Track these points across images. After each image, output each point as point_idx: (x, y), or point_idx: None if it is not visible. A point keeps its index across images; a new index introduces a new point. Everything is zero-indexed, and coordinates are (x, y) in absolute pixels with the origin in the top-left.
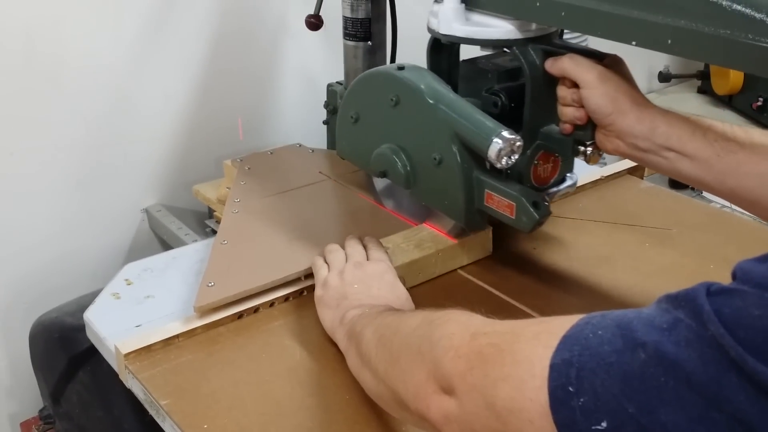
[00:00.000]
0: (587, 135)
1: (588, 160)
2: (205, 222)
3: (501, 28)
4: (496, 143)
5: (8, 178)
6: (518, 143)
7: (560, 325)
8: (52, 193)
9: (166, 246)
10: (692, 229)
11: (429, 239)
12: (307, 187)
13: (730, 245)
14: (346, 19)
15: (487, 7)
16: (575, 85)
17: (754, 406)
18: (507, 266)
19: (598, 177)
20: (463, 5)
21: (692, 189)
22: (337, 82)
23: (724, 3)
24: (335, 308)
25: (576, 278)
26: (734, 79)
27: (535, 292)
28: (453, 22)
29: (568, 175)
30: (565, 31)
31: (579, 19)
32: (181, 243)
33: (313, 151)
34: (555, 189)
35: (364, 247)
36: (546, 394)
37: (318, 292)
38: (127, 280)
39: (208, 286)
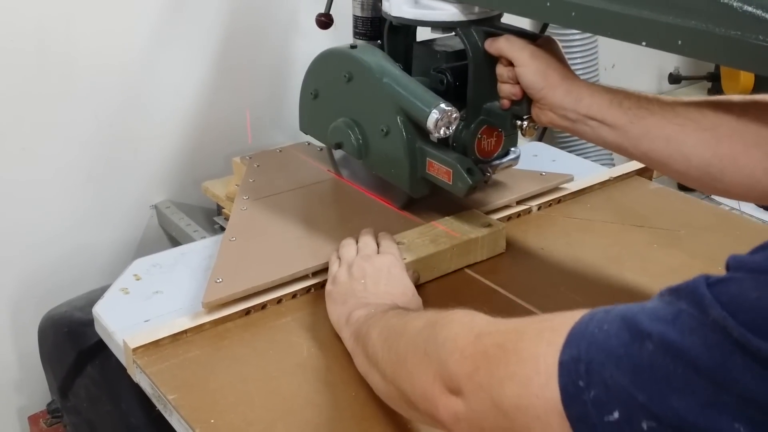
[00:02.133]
0: (523, 110)
1: (524, 133)
2: (213, 219)
3: (446, 11)
4: (434, 114)
5: (19, 175)
6: (454, 115)
7: (562, 321)
8: (62, 189)
9: (174, 242)
10: (701, 231)
11: (443, 235)
12: (315, 185)
13: (739, 247)
14: (356, 18)
15: None
16: (511, 63)
17: (761, 384)
18: (514, 266)
19: (607, 178)
20: None
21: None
22: None
23: (734, 4)
24: (342, 305)
25: (584, 279)
26: (745, 80)
27: (542, 292)
28: (403, 5)
29: (511, 149)
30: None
31: (589, 20)
32: (189, 239)
33: (321, 149)
34: (498, 162)
35: (377, 241)
36: (552, 390)
37: (328, 287)
38: (136, 275)
39: (216, 282)
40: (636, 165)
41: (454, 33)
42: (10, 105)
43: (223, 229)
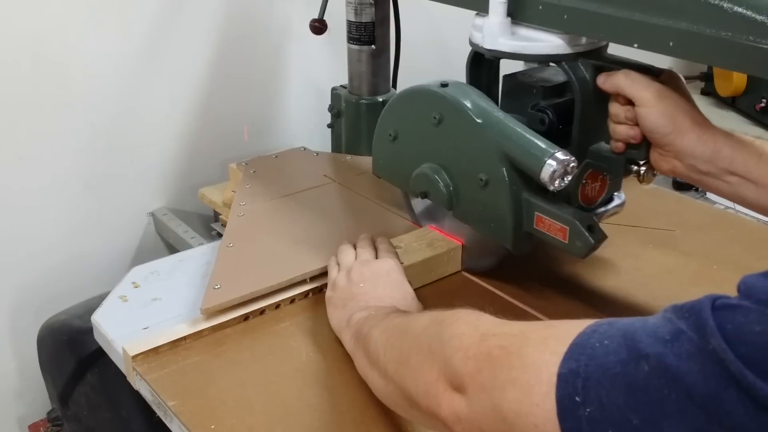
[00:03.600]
0: (641, 154)
1: (642, 180)
2: (210, 225)
3: (550, 43)
4: (550, 165)
5: (17, 183)
6: (572, 164)
7: (568, 331)
8: (59, 198)
9: (172, 249)
10: (696, 230)
11: (440, 239)
12: (311, 190)
13: (734, 246)
14: (350, 23)
15: (531, 20)
16: (629, 102)
17: (753, 421)
18: (510, 268)
19: None
20: (509, 19)
21: (696, 190)
22: (341, 86)
23: (725, 5)
24: (342, 308)
25: (579, 279)
26: (737, 80)
27: (538, 293)
28: (499, 36)
29: (615, 194)
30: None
31: (581, 22)
32: (187, 246)
33: (317, 154)
34: (603, 209)
35: (375, 246)
36: (552, 400)
37: (328, 293)
38: (134, 283)
39: (214, 288)
40: None
41: (548, 65)
42: (6, 114)
43: (220, 235)
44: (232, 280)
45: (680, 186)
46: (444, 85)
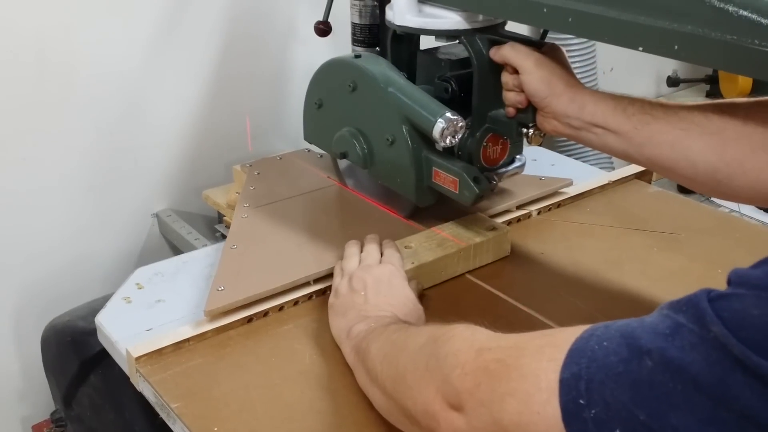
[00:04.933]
0: (528, 117)
1: (530, 141)
2: (214, 227)
3: (450, 19)
4: (440, 123)
5: (21, 184)
6: (460, 124)
7: (564, 338)
8: (63, 199)
9: (176, 251)
10: (700, 234)
11: (449, 240)
12: (315, 192)
13: (739, 249)
14: (354, 25)
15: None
16: (516, 71)
17: (761, 402)
18: (515, 270)
19: (606, 182)
20: None
21: (700, 195)
22: None
23: (730, 9)
24: (343, 317)
25: (584, 282)
26: (743, 83)
27: (542, 297)
28: (406, 13)
29: (516, 157)
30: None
31: (586, 25)
32: (191, 247)
33: (321, 156)
34: (504, 169)
35: (381, 250)
36: (554, 407)
37: (331, 298)
38: (138, 284)
39: (218, 290)
40: (635, 168)
41: (458, 41)
42: (10, 115)
43: (224, 237)
44: (236, 282)
45: (685, 189)
46: (358, 56)
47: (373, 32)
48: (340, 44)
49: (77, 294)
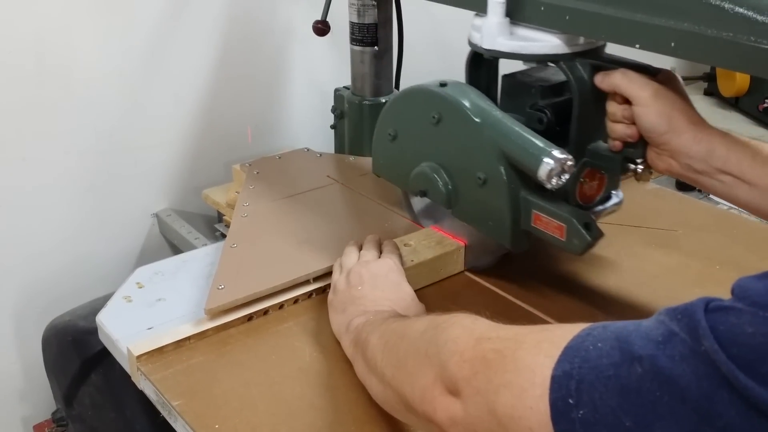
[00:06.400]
0: (638, 152)
1: (639, 178)
2: (214, 226)
3: (548, 43)
4: (547, 163)
5: (21, 184)
6: (569, 163)
7: (562, 334)
8: (63, 199)
9: (176, 250)
10: (698, 231)
11: (447, 238)
12: (314, 191)
13: (736, 246)
14: (353, 25)
15: (531, 20)
16: (626, 101)
17: (745, 423)
18: (513, 268)
19: None
20: (508, 19)
21: (699, 191)
22: (344, 87)
23: (726, 6)
24: (342, 313)
25: (582, 279)
26: (740, 81)
27: (540, 293)
28: (498, 36)
29: (613, 192)
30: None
31: (583, 23)
32: (191, 247)
33: (320, 155)
34: (601, 207)
35: (380, 247)
36: (546, 403)
37: (330, 295)
38: (138, 283)
39: (218, 288)
40: None
41: (547, 64)
42: (10, 116)
43: (224, 236)
44: (236, 281)
45: (683, 186)
46: (443, 84)
47: (371, 31)
48: (339, 44)
49: (78, 294)
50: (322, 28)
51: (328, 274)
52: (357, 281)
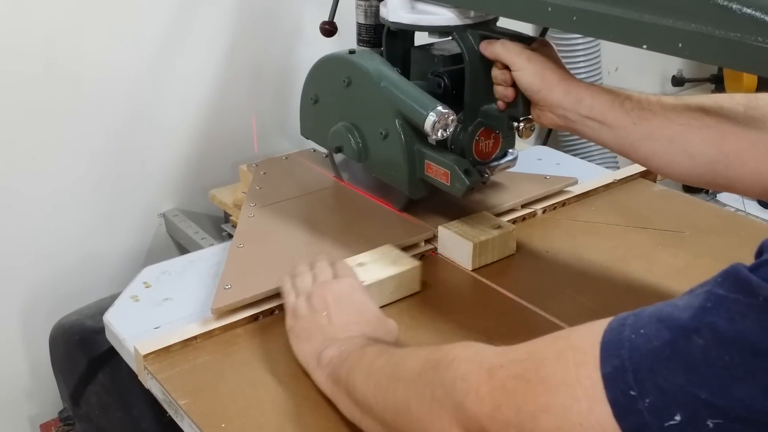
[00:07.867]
0: (519, 111)
1: (521, 134)
2: (221, 226)
3: (442, 16)
4: (431, 116)
5: (30, 185)
6: (451, 117)
7: (581, 337)
8: (72, 199)
9: (183, 250)
10: (705, 232)
11: (403, 256)
12: (320, 191)
13: (743, 248)
14: (359, 26)
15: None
16: (506, 66)
17: None
18: (520, 269)
19: (611, 180)
20: None
21: (706, 192)
22: None
23: (734, 6)
24: (307, 341)
25: (589, 280)
26: (748, 82)
27: (548, 294)
28: (399, 10)
29: (509, 151)
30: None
31: (590, 24)
32: (198, 247)
33: (326, 156)
34: (496, 163)
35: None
36: (600, 411)
37: (289, 321)
38: (145, 283)
39: (225, 288)
40: (640, 167)
41: (451, 37)
42: (20, 117)
43: (230, 236)
44: (243, 281)
45: (690, 188)
46: (352, 52)
47: (378, 32)
48: (346, 44)
49: (85, 293)
50: (329, 29)
51: None
52: (321, 306)
